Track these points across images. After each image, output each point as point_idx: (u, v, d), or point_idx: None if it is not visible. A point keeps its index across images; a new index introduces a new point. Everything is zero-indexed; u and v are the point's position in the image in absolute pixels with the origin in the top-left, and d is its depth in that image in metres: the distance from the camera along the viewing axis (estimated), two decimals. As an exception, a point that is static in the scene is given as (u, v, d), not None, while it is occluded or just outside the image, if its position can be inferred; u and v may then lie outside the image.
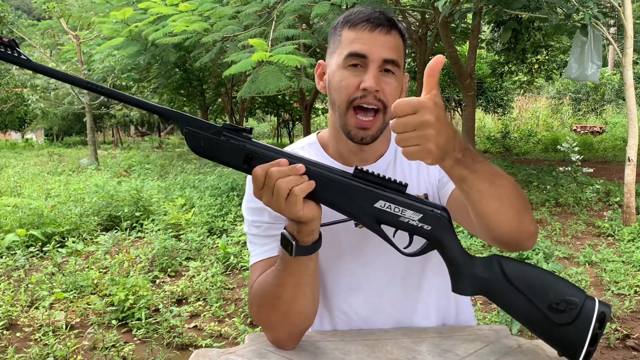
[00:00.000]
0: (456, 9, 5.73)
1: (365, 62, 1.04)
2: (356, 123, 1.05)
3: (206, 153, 0.87)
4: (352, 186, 0.88)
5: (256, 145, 0.87)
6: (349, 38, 1.06)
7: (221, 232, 5.07)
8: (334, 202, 0.89)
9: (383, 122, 1.07)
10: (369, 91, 1.03)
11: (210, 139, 0.86)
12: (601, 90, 17.81)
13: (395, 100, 0.85)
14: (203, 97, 14.35)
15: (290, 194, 0.84)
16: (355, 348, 1.02)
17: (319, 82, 1.16)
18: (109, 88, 0.84)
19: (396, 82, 1.06)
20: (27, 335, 2.99)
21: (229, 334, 2.97)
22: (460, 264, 0.92)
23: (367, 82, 1.02)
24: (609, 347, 2.78)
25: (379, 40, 1.04)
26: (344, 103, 1.05)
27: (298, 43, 5.22)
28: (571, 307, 0.87)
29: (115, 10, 7.16)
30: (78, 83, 0.84)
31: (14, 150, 17.28)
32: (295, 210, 0.85)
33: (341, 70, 1.06)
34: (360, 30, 1.05)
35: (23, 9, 30.55)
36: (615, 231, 4.88)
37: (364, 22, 1.05)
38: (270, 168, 0.84)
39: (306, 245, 0.91)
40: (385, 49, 1.04)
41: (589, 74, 6.41)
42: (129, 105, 0.88)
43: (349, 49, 1.05)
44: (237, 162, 0.87)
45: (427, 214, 0.89)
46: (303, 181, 0.85)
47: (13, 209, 5.11)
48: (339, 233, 1.11)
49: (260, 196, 0.87)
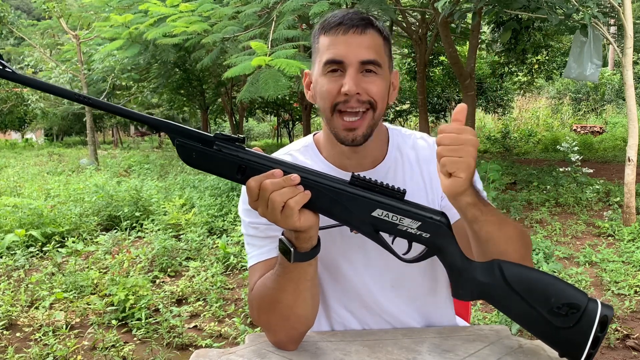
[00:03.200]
0: (456, 9, 5.73)
1: (344, 67, 1.02)
2: (343, 125, 1.04)
3: (198, 164, 0.85)
4: (349, 195, 0.87)
5: (249, 155, 0.85)
6: (325, 44, 1.05)
7: (221, 232, 5.07)
8: (330, 211, 0.88)
9: (372, 120, 1.05)
10: (350, 95, 1.01)
11: (202, 150, 0.84)
12: (601, 90, 17.80)
13: (383, 97, 1.01)
14: (203, 97, 14.33)
15: (285, 206, 0.83)
16: (355, 348, 1.02)
17: (307, 92, 1.14)
18: (97, 99, 0.81)
19: (380, 80, 1.04)
20: (27, 335, 2.99)
21: (229, 334, 2.97)
22: (461, 269, 0.91)
23: (346, 86, 1.01)
24: (609, 347, 2.78)
25: (353, 43, 1.02)
26: (328, 109, 1.05)
27: (298, 45, 5.19)
28: (573, 311, 0.86)
29: (114, 12, 7.16)
30: (66, 95, 0.81)
31: (14, 150, 17.28)
32: (291, 222, 0.85)
33: (322, 77, 1.05)
34: (334, 35, 1.04)
35: (23, 9, 30.54)
36: (615, 231, 4.88)
37: (337, 25, 1.04)
38: (264, 180, 0.83)
39: (305, 251, 0.91)
40: (361, 50, 1.02)
41: (588, 74, 6.40)
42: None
43: (325, 56, 1.04)
44: (231, 173, 0.85)
45: (425, 221, 0.88)
46: (298, 192, 0.84)
47: (13, 209, 5.11)
48: (334, 238, 1.10)
49: (256, 208, 0.86)
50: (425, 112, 9.75)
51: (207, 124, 16.25)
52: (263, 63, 4.37)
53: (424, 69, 9.64)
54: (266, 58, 4.40)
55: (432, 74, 14.81)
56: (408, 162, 1.17)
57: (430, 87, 14.26)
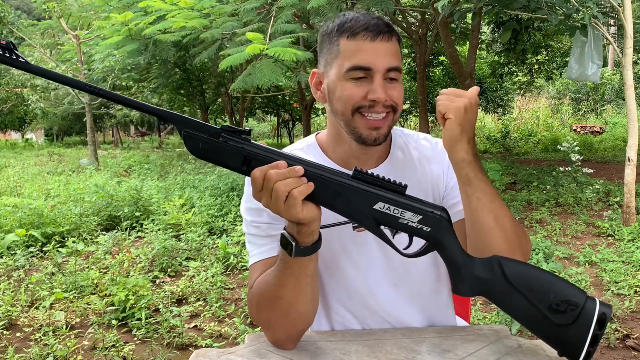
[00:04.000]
0: (456, 9, 5.73)
1: (370, 73, 1.03)
2: (368, 124, 1.04)
3: (205, 155, 0.86)
4: (351, 188, 0.88)
5: (255, 147, 0.87)
6: (350, 49, 1.04)
7: (221, 232, 5.07)
8: (333, 203, 0.89)
9: (392, 121, 1.08)
10: (377, 102, 1.03)
11: (209, 141, 0.85)
12: (601, 90, 17.80)
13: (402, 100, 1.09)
14: (203, 97, 14.33)
15: (289, 196, 0.84)
16: (355, 348, 1.02)
17: (316, 91, 1.13)
18: (107, 90, 0.83)
19: (400, 85, 1.08)
20: (27, 335, 2.99)
21: (229, 334, 2.97)
22: (460, 265, 0.92)
23: (376, 94, 1.02)
24: (609, 347, 2.78)
25: (381, 50, 1.03)
26: (348, 111, 1.05)
27: (296, 37, 5.18)
28: (572, 308, 0.86)
29: (115, 11, 7.15)
30: (77, 85, 0.83)
31: (14, 150, 17.28)
32: (294, 212, 0.85)
33: (344, 82, 1.04)
34: (361, 41, 1.03)
35: (23, 9, 30.55)
36: (615, 231, 4.88)
37: (364, 31, 1.03)
38: (268, 170, 0.84)
39: (306, 245, 0.91)
40: (387, 58, 1.04)
41: (590, 74, 6.41)
42: (126, 108, 0.87)
43: (352, 62, 1.03)
44: (236, 164, 0.86)
45: (426, 215, 0.89)
46: (302, 183, 0.85)
47: (13, 209, 5.11)
48: (335, 237, 1.11)
49: (259, 198, 0.87)
50: (425, 112, 9.75)
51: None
52: (258, 51, 4.35)
53: (424, 69, 9.64)
54: (261, 46, 4.38)
55: (432, 74, 14.81)
56: (411, 162, 1.18)
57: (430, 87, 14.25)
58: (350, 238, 1.12)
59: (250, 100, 14.58)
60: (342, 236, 1.12)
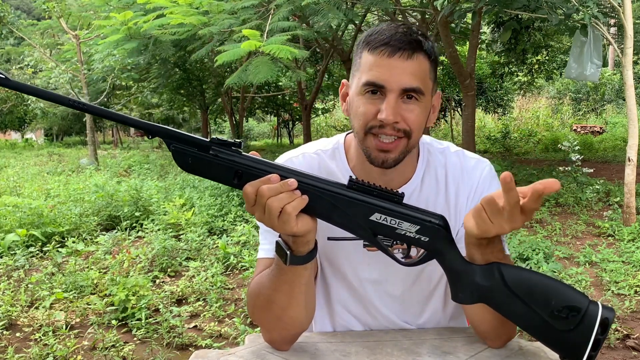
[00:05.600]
0: (456, 8, 5.72)
1: (384, 91, 0.97)
2: (377, 145, 0.99)
3: (195, 170, 0.84)
4: (347, 199, 0.86)
5: (246, 160, 0.85)
6: (368, 63, 0.99)
7: (221, 232, 5.07)
8: (328, 215, 0.87)
9: (406, 147, 1.01)
10: (385, 123, 0.97)
11: (199, 155, 0.83)
12: (601, 90, 17.80)
13: (420, 126, 0.99)
14: (203, 97, 14.32)
15: (282, 212, 0.82)
16: (355, 350, 1.02)
17: (342, 103, 1.09)
18: (91, 105, 0.81)
19: (419, 108, 0.99)
20: (27, 335, 2.99)
21: (228, 334, 2.97)
22: (460, 272, 0.91)
23: (383, 113, 0.96)
24: (609, 347, 2.78)
25: (397, 68, 0.96)
26: (361, 129, 1.00)
27: (294, 35, 5.16)
28: (573, 314, 0.85)
29: (114, 11, 7.15)
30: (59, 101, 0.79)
31: (14, 150, 17.28)
32: (289, 227, 0.84)
33: (359, 96, 1.00)
34: (379, 56, 0.97)
35: (23, 9, 30.55)
36: (615, 231, 4.88)
37: (383, 45, 0.97)
38: (260, 186, 0.82)
39: (301, 254, 0.90)
40: (404, 77, 0.96)
41: (588, 74, 6.40)
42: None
43: (367, 77, 0.98)
44: (227, 179, 0.85)
45: (424, 225, 0.88)
46: (295, 198, 0.83)
47: (13, 209, 5.11)
48: (338, 245, 1.10)
49: (252, 212, 0.85)
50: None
51: (207, 124, 16.24)
52: (254, 47, 4.32)
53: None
54: (257, 43, 4.35)
55: (432, 74, 14.75)
56: (435, 182, 1.12)
57: (430, 86, 14.22)
58: (356, 250, 1.10)
59: (250, 100, 14.58)
60: (349, 248, 1.10)
